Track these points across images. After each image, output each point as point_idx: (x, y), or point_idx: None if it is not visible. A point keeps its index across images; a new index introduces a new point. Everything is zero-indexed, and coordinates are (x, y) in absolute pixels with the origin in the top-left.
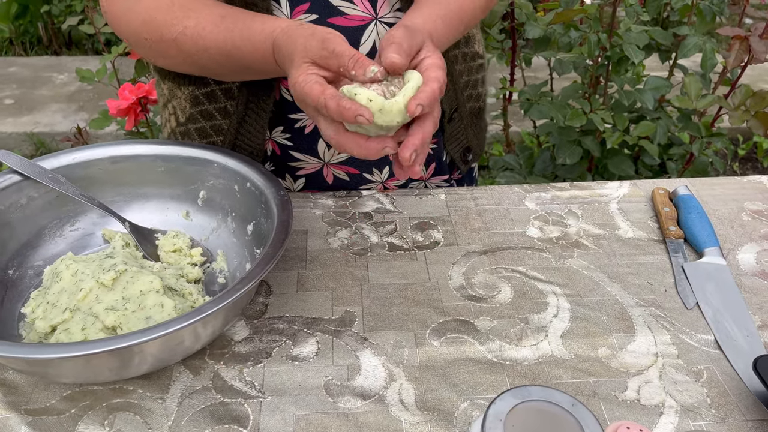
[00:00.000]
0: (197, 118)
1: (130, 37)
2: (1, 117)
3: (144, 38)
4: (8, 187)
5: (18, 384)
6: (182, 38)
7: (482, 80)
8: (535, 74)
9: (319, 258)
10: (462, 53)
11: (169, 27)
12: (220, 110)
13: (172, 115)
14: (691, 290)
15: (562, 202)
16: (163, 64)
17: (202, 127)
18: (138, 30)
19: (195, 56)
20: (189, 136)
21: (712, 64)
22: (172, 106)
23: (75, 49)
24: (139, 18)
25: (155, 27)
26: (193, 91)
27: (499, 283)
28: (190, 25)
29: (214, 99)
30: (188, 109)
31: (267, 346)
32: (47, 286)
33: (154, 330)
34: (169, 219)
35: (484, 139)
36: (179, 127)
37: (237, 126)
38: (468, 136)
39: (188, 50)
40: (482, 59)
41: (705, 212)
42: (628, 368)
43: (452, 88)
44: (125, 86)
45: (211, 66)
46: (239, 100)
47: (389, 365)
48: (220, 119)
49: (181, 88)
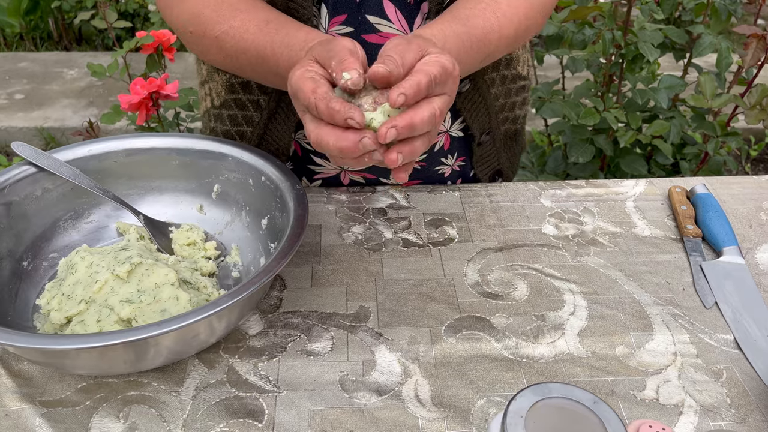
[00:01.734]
0: (231, 105)
1: (176, 26)
2: (12, 112)
3: (189, 31)
4: (24, 178)
5: (33, 375)
6: (224, 37)
7: (522, 101)
8: (545, 73)
9: (333, 253)
10: (501, 76)
11: (215, 24)
12: (253, 102)
13: (207, 96)
14: (710, 289)
15: (577, 200)
16: (204, 58)
17: (234, 115)
18: (185, 21)
19: (233, 56)
20: (221, 120)
21: (727, 63)
22: (209, 87)
23: (85, 45)
24: (189, 10)
25: (202, 22)
26: (230, 79)
27: (515, 280)
28: (235, 24)
29: (248, 90)
30: (223, 94)
31: (282, 341)
32: (62, 278)
33: (171, 322)
34: (183, 212)
35: (517, 161)
36: (213, 110)
37: (267, 120)
38: (500, 159)
39: (228, 49)
40: (525, 80)
41: (723, 211)
42: (646, 367)
43: (485, 111)
44: (137, 81)
45: (246, 69)
46: (272, 96)
47: (405, 361)
48: (252, 111)
49: (219, 72)
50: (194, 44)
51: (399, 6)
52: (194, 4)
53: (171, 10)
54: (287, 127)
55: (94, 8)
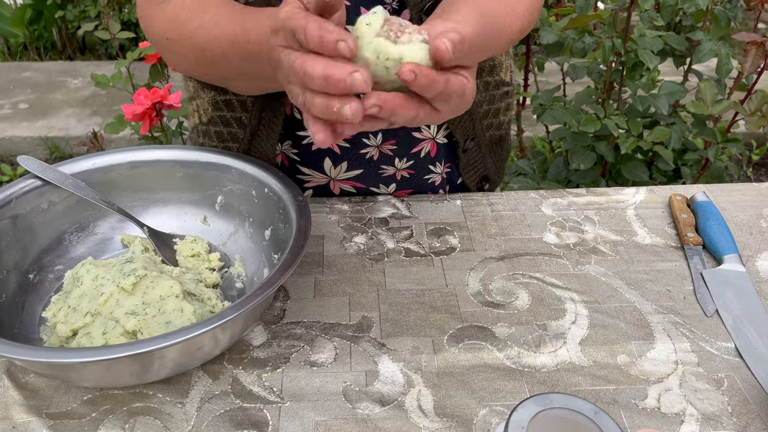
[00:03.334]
0: (217, 122)
1: (155, 38)
2: (16, 121)
3: (166, 38)
4: (30, 191)
5: (39, 387)
6: (197, 32)
7: (506, 107)
8: (547, 79)
9: (336, 263)
10: (484, 82)
11: (188, 24)
12: (236, 119)
13: (195, 112)
14: (711, 297)
15: (578, 208)
16: (182, 67)
17: (220, 131)
18: (163, 29)
19: (206, 49)
20: (209, 137)
21: (727, 70)
22: (196, 104)
23: (89, 54)
24: (165, 17)
25: (177, 25)
26: (215, 96)
27: (516, 290)
28: (206, 19)
29: (231, 108)
30: (210, 111)
31: (285, 352)
32: (68, 291)
33: (176, 335)
34: (187, 224)
35: (503, 167)
36: (201, 126)
37: (250, 137)
38: (486, 165)
39: (200, 44)
40: (509, 86)
41: (723, 219)
42: (647, 376)
43: (468, 118)
44: (140, 91)
45: (219, 62)
46: (253, 114)
47: (407, 371)
48: (236, 128)
49: (204, 90)
50: (171, 51)
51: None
52: (171, 10)
53: (150, 21)
54: (270, 143)
55: (97, 18)
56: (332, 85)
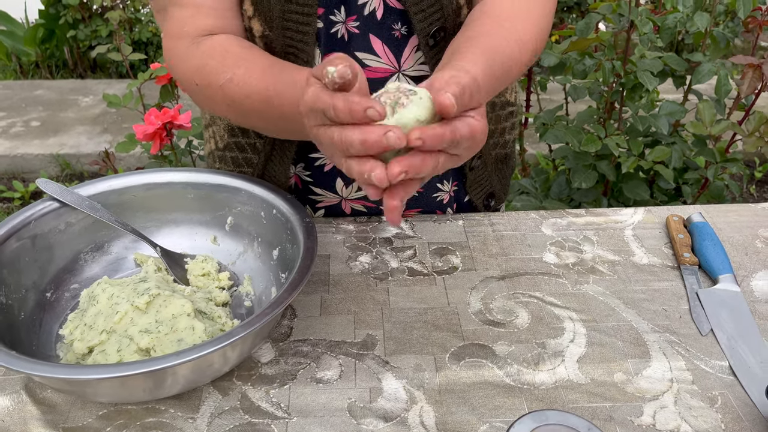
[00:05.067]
0: (233, 148)
1: (183, 80)
2: (28, 139)
3: (195, 83)
4: (48, 213)
5: (56, 403)
6: (229, 84)
7: (511, 126)
8: (550, 96)
9: (342, 282)
10: (491, 103)
11: (219, 74)
12: (251, 146)
13: (212, 138)
14: (706, 317)
15: (577, 228)
16: (210, 109)
17: (235, 157)
18: (192, 74)
19: (238, 102)
20: (224, 162)
21: (726, 90)
22: (212, 131)
23: (99, 72)
24: (194, 63)
25: (207, 72)
26: (230, 124)
27: (516, 309)
28: (239, 72)
29: (246, 134)
30: (226, 137)
31: (292, 369)
32: (84, 309)
33: (188, 353)
34: (198, 244)
35: (508, 183)
36: (218, 151)
37: (264, 162)
38: (492, 182)
39: (233, 96)
40: (513, 107)
41: (719, 239)
42: (643, 393)
43: None
44: (151, 111)
45: (251, 115)
46: (266, 139)
47: (410, 388)
48: (251, 153)
49: (220, 117)
50: (200, 95)
51: (386, 41)
52: (200, 57)
53: (177, 62)
54: (283, 167)
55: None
56: (370, 146)
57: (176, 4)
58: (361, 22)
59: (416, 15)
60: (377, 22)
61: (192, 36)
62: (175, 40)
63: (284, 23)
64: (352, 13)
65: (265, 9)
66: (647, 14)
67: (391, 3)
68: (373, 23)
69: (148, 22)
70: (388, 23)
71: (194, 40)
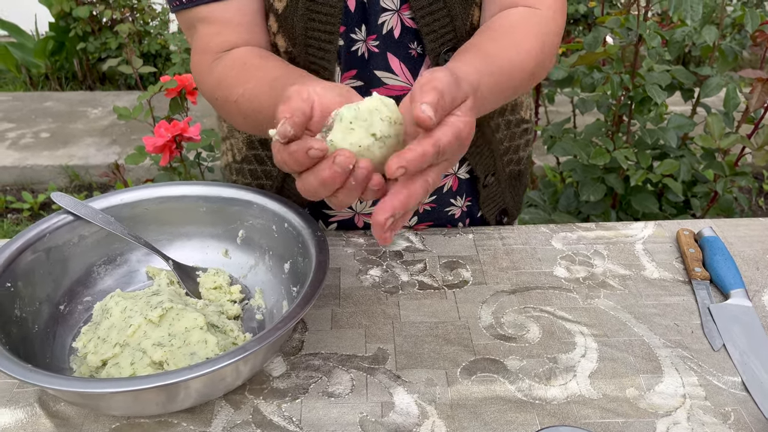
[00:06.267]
0: (251, 160)
1: (206, 94)
2: (38, 150)
3: (216, 97)
4: (63, 226)
5: (69, 415)
6: (241, 100)
7: (525, 143)
8: (557, 108)
9: (352, 295)
10: (506, 121)
11: (234, 88)
12: (271, 158)
13: (229, 151)
14: (718, 332)
15: (588, 242)
16: (231, 122)
17: (254, 170)
18: (213, 88)
19: (251, 117)
20: (242, 174)
21: (735, 104)
22: (230, 143)
23: (108, 84)
24: (216, 77)
25: (225, 87)
26: (249, 136)
27: (527, 323)
28: (249, 87)
29: (266, 146)
30: (244, 150)
31: (304, 382)
32: (97, 322)
33: (202, 366)
34: (209, 256)
35: (522, 199)
36: (235, 164)
37: (284, 174)
38: (505, 199)
39: (245, 110)
40: (528, 124)
41: (730, 254)
42: (656, 409)
43: (489, 155)
44: (161, 124)
45: (265, 128)
46: None
47: (422, 403)
48: (270, 166)
49: (239, 131)
50: (221, 109)
51: (403, 59)
52: (221, 70)
53: (202, 80)
54: None
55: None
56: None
57: (204, 21)
58: (380, 41)
59: (428, 36)
60: (395, 41)
61: (217, 51)
62: (200, 55)
63: (307, 40)
64: (372, 32)
65: (289, 26)
66: (655, 28)
67: (407, 23)
68: (391, 42)
69: (157, 34)
70: (405, 42)
71: (218, 54)
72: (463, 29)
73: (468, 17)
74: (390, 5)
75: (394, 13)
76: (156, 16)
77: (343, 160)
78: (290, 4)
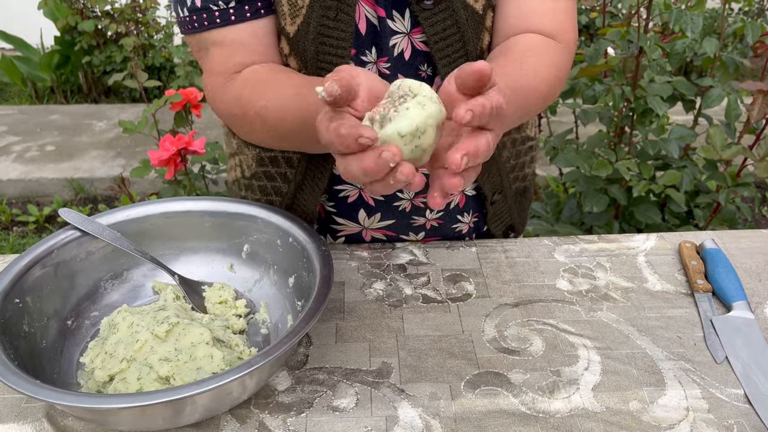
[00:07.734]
0: (261, 177)
1: (222, 112)
2: (43, 163)
3: (233, 113)
4: (70, 241)
5: (77, 430)
6: (265, 111)
7: (531, 160)
8: (559, 119)
9: (356, 309)
10: (512, 139)
11: (255, 101)
12: (281, 175)
13: (237, 167)
14: (721, 344)
15: (590, 255)
16: (251, 138)
17: (264, 186)
18: (230, 106)
19: (275, 127)
20: (251, 190)
21: (736, 115)
22: (239, 159)
23: (113, 97)
24: (232, 95)
25: (243, 102)
26: (259, 153)
27: (530, 336)
28: (272, 97)
29: (276, 164)
30: (254, 167)
31: (309, 396)
32: (105, 337)
33: (208, 382)
34: (215, 271)
35: (527, 215)
36: (244, 180)
37: (294, 192)
38: (512, 215)
39: (269, 121)
40: (533, 141)
41: (732, 266)
42: (659, 422)
43: (496, 173)
44: (166, 138)
45: (290, 137)
46: (298, 170)
47: (426, 417)
48: (281, 183)
49: (248, 147)
50: (239, 125)
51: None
52: (236, 88)
53: (217, 99)
54: (314, 197)
55: (123, 63)
56: (373, 172)
57: (218, 44)
58: (391, 63)
59: (441, 60)
60: (405, 63)
61: (231, 72)
62: (214, 76)
63: (318, 63)
64: (384, 54)
65: (300, 50)
66: (656, 40)
67: (418, 45)
68: (402, 64)
69: (162, 47)
70: (416, 64)
71: (232, 75)
72: (474, 53)
73: (479, 42)
74: (401, 28)
75: (404, 36)
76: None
77: (388, 156)
78: (302, 28)
